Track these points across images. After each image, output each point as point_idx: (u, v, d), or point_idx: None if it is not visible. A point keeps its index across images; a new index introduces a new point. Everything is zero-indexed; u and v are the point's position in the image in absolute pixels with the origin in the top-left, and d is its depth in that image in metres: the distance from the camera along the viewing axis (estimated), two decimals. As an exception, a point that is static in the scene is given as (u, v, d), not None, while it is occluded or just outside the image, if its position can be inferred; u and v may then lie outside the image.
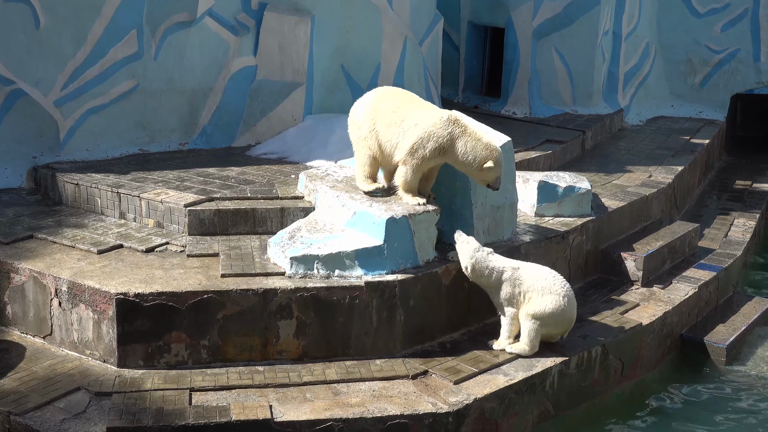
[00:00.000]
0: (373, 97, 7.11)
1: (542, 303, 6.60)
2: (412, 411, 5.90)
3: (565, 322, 6.72)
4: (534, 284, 6.62)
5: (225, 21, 9.25)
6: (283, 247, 6.70)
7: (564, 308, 6.62)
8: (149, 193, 7.62)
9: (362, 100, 7.18)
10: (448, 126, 6.70)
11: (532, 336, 6.66)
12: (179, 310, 6.25)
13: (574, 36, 12.25)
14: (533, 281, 6.65)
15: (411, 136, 6.74)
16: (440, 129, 6.69)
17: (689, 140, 12.15)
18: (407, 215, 6.73)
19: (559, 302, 6.59)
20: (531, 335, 6.66)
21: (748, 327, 8.38)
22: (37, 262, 6.76)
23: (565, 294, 6.64)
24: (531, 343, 6.67)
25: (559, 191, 8.27)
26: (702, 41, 13.71)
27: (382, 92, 7.18)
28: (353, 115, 7.18)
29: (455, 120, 6.76)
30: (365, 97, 7.20)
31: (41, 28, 8.31)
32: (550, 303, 6.58)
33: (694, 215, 10.84)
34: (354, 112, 7.19)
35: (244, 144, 9.41)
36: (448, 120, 6.73)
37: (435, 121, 6.72)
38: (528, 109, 12.32)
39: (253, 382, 6.13)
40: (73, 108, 8.58)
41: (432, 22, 11.04)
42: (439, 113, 6.82)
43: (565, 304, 6.62)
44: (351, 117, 7.21)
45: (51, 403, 5.76)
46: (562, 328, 6.78)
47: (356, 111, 7.15)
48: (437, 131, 6.68)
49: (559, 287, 6.64)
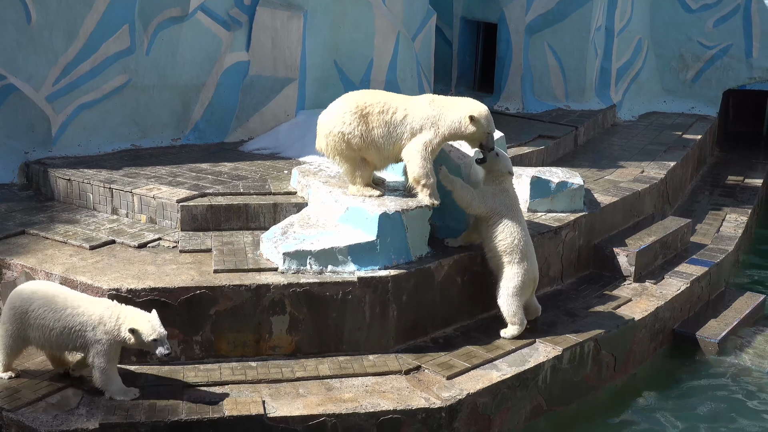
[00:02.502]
0: (353, 102, 6.81)
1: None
2: (405, 406, 5.91)
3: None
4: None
5: (217, 16, 9.23)
6: (275, 243, 6.69)
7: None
8: (142, 188, 7.61)
9: (341, 111, 6.80)
10: (431, 104, 6.78)
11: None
12: (172, 305, 6.24)
13: (566, 32, 12.27)
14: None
15: (406, 127, 6.74)
16: (425, 109, 6.75)
17: (681, 136, 12.18)
18: (400, 211, 6.73)
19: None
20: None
21: (739, 322, 8.40)
22: (29, 257, 6.74)
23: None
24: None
25: (551, 187, 8.28)
26: (694, 37, 13.74)
27: (359, 96, 6.90)
28: (335, 127, 6.79)
29: (433, 98, 6.88)
30: (341, 107, 6.83)
31: (33, 23, 8.28)
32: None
33: (687, 210, 10.87)
34: (334, 124, 6.80)
35: (237, 139, 9.40)
36: (428, 98, 6.85)
37: (420, 106, 6.78)
38: (521, 104, 12.33)
39: (245, 378, 6.12)
40: (65, 103, 8.56)
41: (425, 18, 11.04)
42: (420, 98, 6.90)
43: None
44: (331, 130, 6.81)
45: (43, 399, 5.75)
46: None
47: (338, 123, 6.79)
48: (424, 112, 6.73)
49: None
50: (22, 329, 5.80)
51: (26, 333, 5.81)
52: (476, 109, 6.71)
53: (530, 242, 6.99)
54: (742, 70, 13.71)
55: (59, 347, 5.85)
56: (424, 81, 10.87)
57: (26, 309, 5.77)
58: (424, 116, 6.74)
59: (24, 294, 5.84)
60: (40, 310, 5.74)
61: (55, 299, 5.78)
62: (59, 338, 5.75)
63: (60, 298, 5.80)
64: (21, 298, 5.82)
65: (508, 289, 6.82)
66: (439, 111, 6.74)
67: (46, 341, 5.80)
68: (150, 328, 5.68)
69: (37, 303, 5.77)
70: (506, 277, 6.84)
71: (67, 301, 5.79)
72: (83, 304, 5.79)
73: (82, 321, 5.71)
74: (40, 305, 5.75)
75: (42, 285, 5.97)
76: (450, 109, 6.74)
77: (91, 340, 5.71)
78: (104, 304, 5.80)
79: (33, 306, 5.76)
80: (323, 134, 6.92)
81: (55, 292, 5.85)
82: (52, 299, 5.78)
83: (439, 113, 6.74)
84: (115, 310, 5.74)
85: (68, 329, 5.72)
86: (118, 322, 5.70)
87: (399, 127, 6.76)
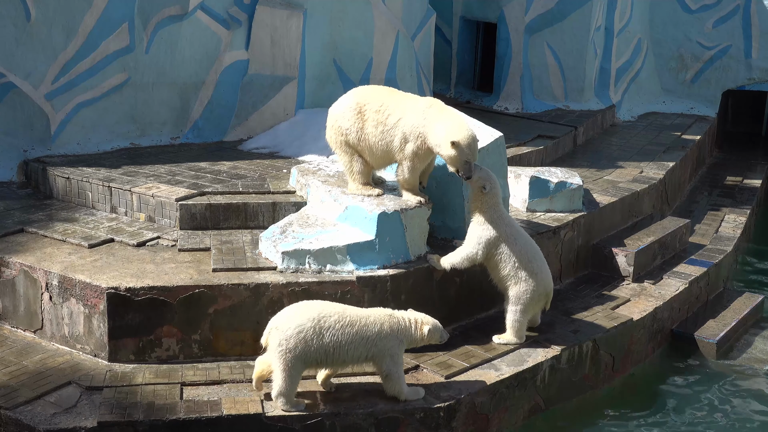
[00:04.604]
0: (354, 99, 6.87)
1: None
2: (403, 406, 5.90)
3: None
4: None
5: (217, 15, 9.23)
6: (274, 242, 6.69)
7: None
8: (140, 187, 7.60)
9: (343, 105, 6.91)
10: (425, 111, 6.61)
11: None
12: (170, 304, 6.24)
13: (566, 31, 12.27)
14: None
15: (397, 132, 6.68)
16: (418, 117, 6.60)
17: (680, 136, 12.18)
18: (399, 210, 6.73)
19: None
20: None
21: (738, 322, 8.40)
22: (28, 256, 6.73)
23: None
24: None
25: (550, 187, 8.28)
26: (693, 37, 13.74)
27: (362, 93, 6.94)
28: (336, 121, 6.91)
29: (431, 105, 6.66)
30: (345, 101, 6.93)
31: (32, 20, 8.27)
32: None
33: (685, 211, 10.87)
34: (336, 118, 6.92)
35: (236, 138, 9.40)
36: (425, 105, 6.66)
37: (414, 111, 6.65)
38: (520, 104, 12.33)
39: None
40: (64, 101, 8.55)
41: (424, 17, 11.04)
42: (419, 102, 6.74)
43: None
44: (334, 123, 6.94)
45: (42, 397, 5.75)
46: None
47: (339, 117, 6.89)
48: (416, 120, 6.60)
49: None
50: (308, 351, 5.60)
51: (312, 355, 5.63)
52: (459, 135, 6.36)
53: (538, 256, 6.78)
54: (741, 70, 13.71)
55: (346, 363, 5.77)
56: (423, 80, 10.86)
57: (320, 328, 5.60)
58: (415, 124, 6.60)
59: (309, 315, 5.64)
60: (335, 327, 5.64)
61: (345, 312, 5.73)
62: (353, 353, 5.70)
63: (347, 311, 5.75)
64: (309, 318, 5.62)
65: (516, 306, 6.72)
66: (428, 123, 6.55)
67: (336, 359, 5.70)
68: (435, 323, 5.97)
69: (330, 321, 5.64)
70: (514, 295, 6.71)
71: (353, 313, 5.77)
72: (365, 314, 5.81)
73: (376, 330, 5.73)
74: (333, 322, 5.64)
75: (312, 303, 5.83)
76: (437, 126, 6.50)
77: (384, 348, 5.76)
78: (383, 312, 5.88)
79: (326, 324, 5.63)
80: (328, 125, 7.03)
81: (334, 307, 5.78)
82: (342, 314, 5.70)
83: (427, 126, 6.55)
84: (395, 314, 5.87)
85: (363, 341, 5.70)
86: (411, 324, 5.85)
87: (392, 129, 6.69)
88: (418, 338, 5.92)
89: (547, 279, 6.81)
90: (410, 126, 6.62)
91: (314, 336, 5.58)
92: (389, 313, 5.88)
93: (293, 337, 5.55)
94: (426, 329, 5.91)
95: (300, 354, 5.57)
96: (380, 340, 5.73)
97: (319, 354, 5.62)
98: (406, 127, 6.64)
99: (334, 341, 5.62)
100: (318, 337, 5.58)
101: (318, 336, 5.58)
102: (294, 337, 5.55)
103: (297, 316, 5.62)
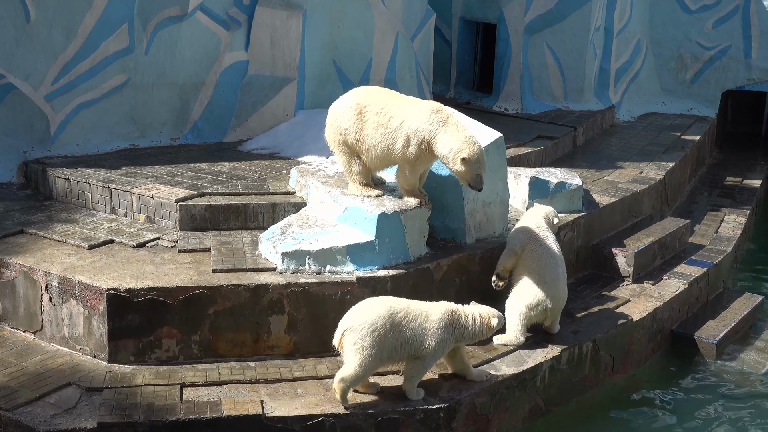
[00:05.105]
0: (355, 99, 6.83)
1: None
2: (403, 406, 5.90)
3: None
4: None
5: (216, 15, 9.23)
6: (274, 243, 6.69)
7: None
8: (140, 188, 7.60)
9: (343, 105, 6.88)
10: (431, 116, 6.53)
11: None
12: (170, 305, 6.24)
13: (565, 32, 12.27)
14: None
15: (400, 135, 6.64)
16: (423, 122, 6.53)
17: (680, 136, 12.18)
18: (399, 211, 6.73)
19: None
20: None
21: (738, 323, 8.41)
22: (28, 257, 6.73)
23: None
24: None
25: (550, 187, 8.28)
26: (693, 37, 13.75)
27: (363, 93, 6.90)
28: (336, 120, 6.88)
29: (437, 110, 6.60)
30: (345, 100, 6.91)
31: (32, 21, 8.27)
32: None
33: (685, 211, 10.87)
34: (336, 117, 6.89)
35: (236, 139, 9.40)
36: (431, 110, 6.57)
37: (418, 115, 6.57)
38: (519, 104, 12.33)
39: (244, 378, 6.12)
40: (64, 102, 8.55)
41: (424, 18, 11.04)
42: (422, 105, 6.67)
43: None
44: (333, 122, 6.91)
45: (41, 398, 5.75)
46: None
47: (339, 116, 6.86)
48: (421, 125, 6.53)
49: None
50: (383, 349, 5.68)
51: (385, 352, 5.70)
52: (469, 151, 6.36)
53: (557, 270, 6.86)
54: (741, 70, 13.72)
55: (403, 359, 5.83)
56: (422, 80, 10.87)
57: (391, 325, 5.67)
58: (420, 128, 6.52)
59: (380, 312, 5.69)
60: (405, 322, 5.71)
61: (410, 307, 5.78)
62: (415, 347, 5.76)
63: (410, 306, 5.81)
64: (380, 316, 5.66)
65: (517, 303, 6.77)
66: (434, 129, 6.49)
67: (402, 355, 5.77)
68: (500, 315, 6.11)
69: (400, 316, 5.71)
70: (519, 291, 6.79)
71: (416, 308, 5.83)
72: (426, 308, 5.86)
73: (435, 326, 5.79)
74: (402, 317, 5.71)
75: (379, 300, 5.88)
76: (444, 138, 6.45)
77: (437, 344, 5.81)
78: (446, 307, 5.91)
79: (395, 320, 5.69)
80: (327, 124, 7.01)
81: (400, 302, 5.83)
82: (406, 309, 5.76)
83: (435, 132, 6.49)
84: (458, 311, 5.93)
85: (423, 336, 5.76)
86: (473, 320, 5.92)
87: (394, 132, 6.62)
88: (482, 333, 5.99)
89: (558, 297, 6.85)
90: (414, 129, 6.55)
91: (387, 333, 5.68)
92: (453, 308, 5.94)
93: (368, 336, 5.64)
94: (494, 322, 6.00)
95: (376, 353, 5.67)
96: (437, 335, 5.80)
97: (391, 351, 5.72)
98: (410, 130, 6.57)
99: (402, 337, 5.72)
100: (390, 333, 5.68)
101: (390, 333, 5.69)
102: (369, 335, 5.64)
103: (368, 315, 5.70)
